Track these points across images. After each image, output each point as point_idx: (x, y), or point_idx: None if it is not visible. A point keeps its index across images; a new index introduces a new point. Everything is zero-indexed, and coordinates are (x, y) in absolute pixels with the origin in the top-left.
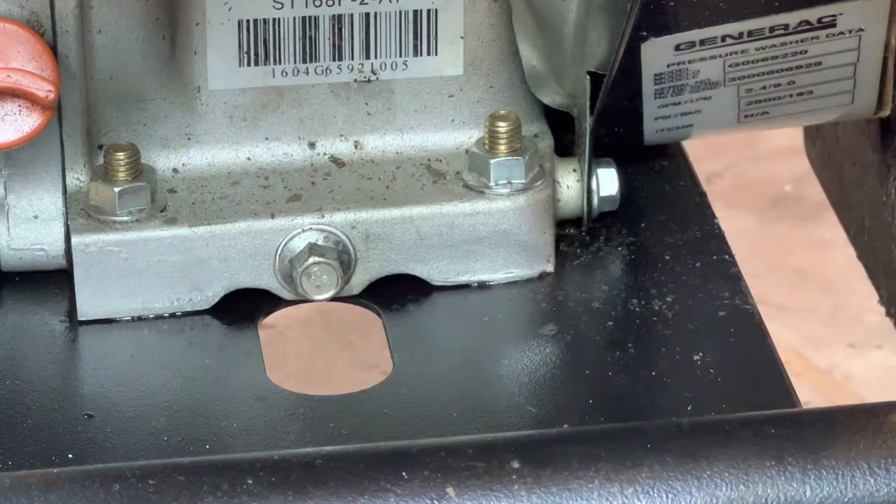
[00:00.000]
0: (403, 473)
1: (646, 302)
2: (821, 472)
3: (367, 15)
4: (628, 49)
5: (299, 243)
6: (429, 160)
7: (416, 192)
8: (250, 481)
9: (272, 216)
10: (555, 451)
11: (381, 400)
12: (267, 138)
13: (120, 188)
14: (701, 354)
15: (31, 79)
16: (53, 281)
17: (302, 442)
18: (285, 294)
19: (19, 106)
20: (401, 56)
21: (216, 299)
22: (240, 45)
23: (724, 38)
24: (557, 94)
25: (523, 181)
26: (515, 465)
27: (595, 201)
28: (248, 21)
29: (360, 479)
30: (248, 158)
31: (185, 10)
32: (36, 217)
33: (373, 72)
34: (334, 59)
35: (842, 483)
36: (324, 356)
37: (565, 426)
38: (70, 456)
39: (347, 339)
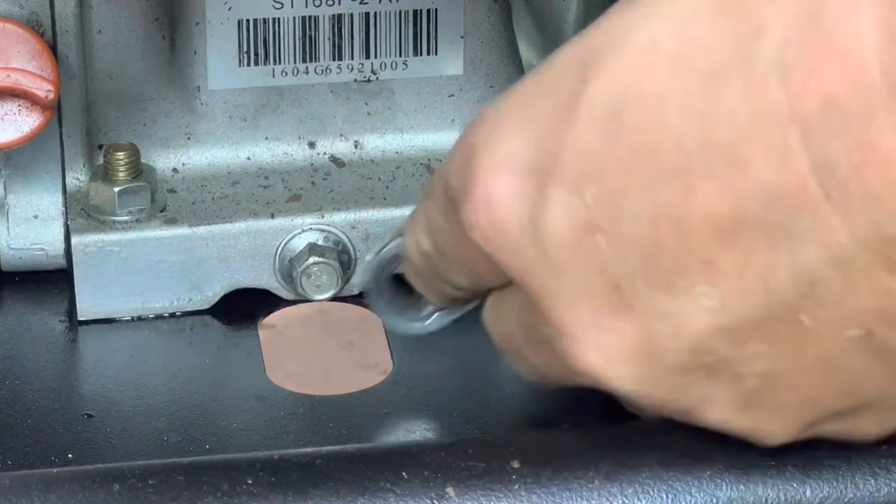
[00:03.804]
0: (403, 473)
1: None
2: (821, 472)
3: (367, 15)
4: None
5: (299, 243)
6: (429, 160)
7: (416, 192)
8: (250, 481)
9: (272, 216)
10: (555, 451)
11: (381, 400)
12: (267, 138)
13: (120, 188)
14: None
15: (31, 79)
16: (53, 281)
17: (302, 442)
18: (285, 294)
19: (19, 106)
20: (401, 56)
21: (216, 299)
22: (240, 45)
23: None
24: None
25: None
26: (515, 465)
27: None
28: (248, 21)
29: (360, 479)
30: (248, 158)
31: (185, 10)
32: (36, 217)
33: (373, 72)
34: (334, 59)
35: (842, 483)
36: (324, 356)
37: (565, 426)
38: (70, 456)
39: (347, 339)
